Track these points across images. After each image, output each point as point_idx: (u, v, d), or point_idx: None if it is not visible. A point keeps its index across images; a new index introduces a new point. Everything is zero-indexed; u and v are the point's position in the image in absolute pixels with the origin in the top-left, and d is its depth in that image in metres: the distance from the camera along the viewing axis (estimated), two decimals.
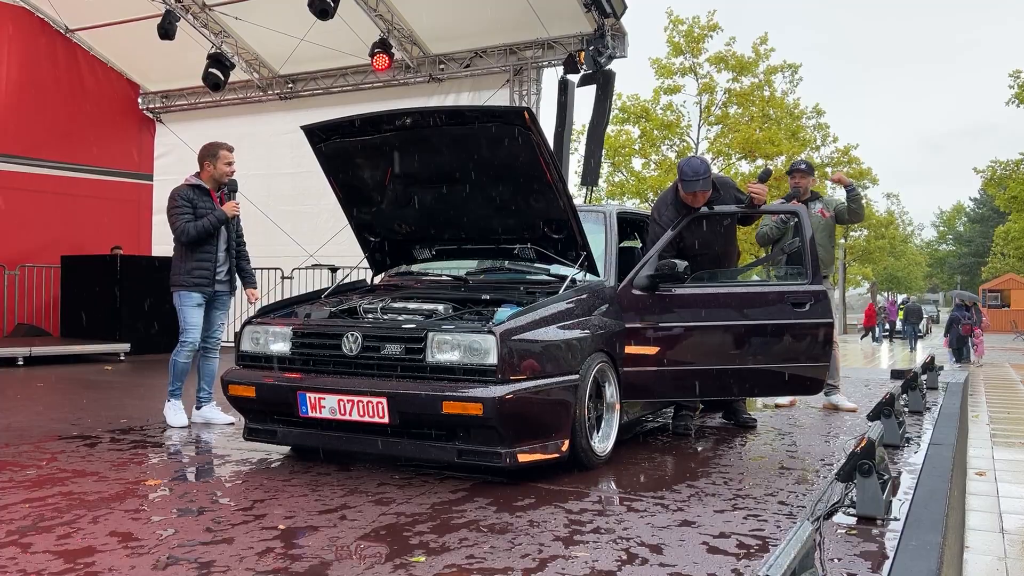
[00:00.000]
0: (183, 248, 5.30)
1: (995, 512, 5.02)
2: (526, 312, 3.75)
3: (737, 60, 27.19)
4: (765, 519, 3.13)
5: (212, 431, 5.05)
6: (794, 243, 4.91)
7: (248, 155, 12.42)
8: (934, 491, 3.48)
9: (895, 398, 4.61)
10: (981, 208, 63.45)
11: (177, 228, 5.24)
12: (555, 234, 4.40)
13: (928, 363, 7.45)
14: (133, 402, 6.38)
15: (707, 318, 4.53)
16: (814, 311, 4.53)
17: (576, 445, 3.83)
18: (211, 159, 5.45)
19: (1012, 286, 40.84)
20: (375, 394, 3.66)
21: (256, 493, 3.45)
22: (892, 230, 45.46)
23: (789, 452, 4.53)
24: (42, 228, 11.66)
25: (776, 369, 4.56)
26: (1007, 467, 6.44)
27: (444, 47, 11.09)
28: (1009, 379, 14.91)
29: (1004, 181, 27.62)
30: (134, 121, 13.23)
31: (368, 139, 4.37)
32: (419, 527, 2.97)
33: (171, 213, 5.28)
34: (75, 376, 8.25)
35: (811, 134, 30.64)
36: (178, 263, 5.31)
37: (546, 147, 4.04)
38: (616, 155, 28.16)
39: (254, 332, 4.20)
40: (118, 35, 11.91)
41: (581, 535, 2.90)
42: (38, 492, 3.41)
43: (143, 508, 3.21)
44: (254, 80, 12.21)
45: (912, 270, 57.69)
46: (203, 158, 5.47)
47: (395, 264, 5.14)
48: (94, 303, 10.51)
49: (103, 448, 4.38)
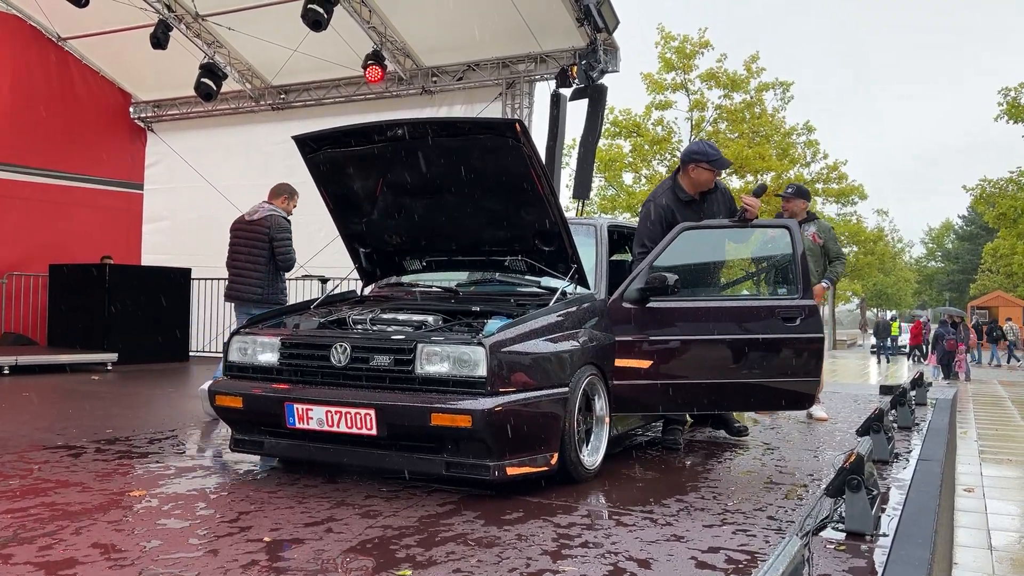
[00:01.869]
0: (276, 271, 6.10)
1: (983, 529, 5.02)
2: (516, 324, 3.73)
3: (729, 77, 27.41)
4: (754, 534, 3.12)
5: (198, 441, 5.00)
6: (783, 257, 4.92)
7: (239, 165, 12.46)
8: (923, 507, 3.48)
9: (884, 414, 4.62)
10: (970, 226, 63.90)
11: (289, 255, 6.07)
12: (546, 246, 4.39)
13: (917, 379, 7.47)
14: (119, 412, 6.33)
15: (697, 332, 4.52)
16: (805, 326, 4.53)
17: (565, 458, 3.81)
18: (290, 196, 6.29)
19: (1000, 303, 41.04)
20: (363, 406, 3.63)
21: (242, 505, 3.42)
22: (882, 246, 45.73)
23: (778, 467, 4.52)
24: (31, 236, 11.59)
25: (766, 384, 4.56)
26: (995, 484, 6.45)
27: (437, 59, 11.12)
28: (997, 396, 14.96)
29: (993, 199, 27.81)
30: (125, 130, 13.20)
31: (360, 150, 4.37)
32: (406, 540, 2.94)
33: (284, 239, 6.07)
34: (61, 386, 8.18)
35: (801, 151, 30.84)
36: (269, 281, 6.02)
37: (537, 159, 4.04)
38: (607, 169, 28.29)
39: (242, 342, 4.17)
40: (110, 44, 11.90)
41: (569, 549, 2.88)
42: (20, 503, 3.36)
43: (127, 519, 3.17)
44: (246, 90, 12.21)
45: (902, 287, 57.98)
46: (284, 193, 6.32)
47: (385, 275, 5.12)
48: (82, 312, 10.44)
49: (88, 458, 4.34)
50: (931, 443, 5.19)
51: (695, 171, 4.93)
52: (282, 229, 6.05)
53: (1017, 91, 25.51)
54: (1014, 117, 25.72)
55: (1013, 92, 25.57)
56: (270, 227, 6.09)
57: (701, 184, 4.95)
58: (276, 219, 6.08)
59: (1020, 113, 25.55)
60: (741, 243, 5.04)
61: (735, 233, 4.90)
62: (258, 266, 6.05)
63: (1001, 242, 33.25)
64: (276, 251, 6.08)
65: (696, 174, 4.93)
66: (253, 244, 6.14)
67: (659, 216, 4.91)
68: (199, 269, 11.76)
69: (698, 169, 4.92)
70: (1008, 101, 25.68)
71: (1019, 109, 25.51)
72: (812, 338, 4.53)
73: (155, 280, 10.94)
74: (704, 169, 4.91)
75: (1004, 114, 25.84)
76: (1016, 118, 25.69)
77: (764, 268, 5.37)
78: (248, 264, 6.11)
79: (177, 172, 12.99)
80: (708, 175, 4.93)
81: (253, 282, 6.00)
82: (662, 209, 4.95)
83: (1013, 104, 25.60)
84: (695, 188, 4.98)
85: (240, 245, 6.24)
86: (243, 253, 6.20)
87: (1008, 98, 25.66)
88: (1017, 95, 25.52)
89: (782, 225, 4.89)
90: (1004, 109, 25.80)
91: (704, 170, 4.92)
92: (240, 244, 6.25)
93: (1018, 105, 25.52)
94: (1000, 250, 34.86)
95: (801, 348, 4.52)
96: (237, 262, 6.21)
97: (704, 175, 4.93)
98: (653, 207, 4.98)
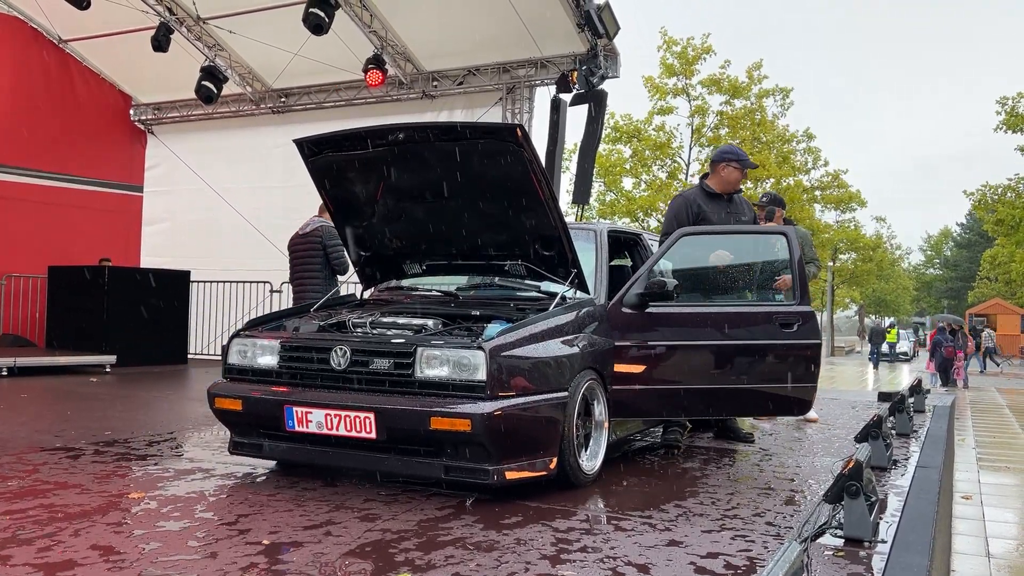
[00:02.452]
0: (332, 275, 6.57)
1: (981, 536, 5.02)
2: (516, 328, 3.74)
3: (731, 83, 27.45)
4: (753, 539, 3.12)
5: (197, 444, 5.00)
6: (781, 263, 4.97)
7: (239, 168, 12.47)
8: (921, 514, 3.48)
9: (883, 420, 4.62)
10: (968, 233, 63.95)
11: (343, 259, 6.41)
12: (546, 251, 4.39)
13: (915, 386, 7.48)
14: (118, 414, 6.32)
15: (696, 337, 4.53)
16: (802, 332, 4.54)
17: (564, 463, 3.81)
18: None
19: (999, 311, 41.06)
20: (363, 409, 3.64)
21: (241, 507, 3.42)
22: (880, 253, 45.75)
23: (776, 472, 4.52)
24: (30, 238, 11.60)
25: (764, 389, 4.57)
26: (993, 491, 6.44)
27: (437, 64, 11.14)
28: (996, 403, 14.96)
29: (992, 205, 27.83)
30: (125, 132, 13.22)
31: (361, 153, 4.37)
32: (405, 544, 2.94)
33: (336, 245, 6.43)
34: (59, 387, 8.17)
35: (801, 158, 30.89)
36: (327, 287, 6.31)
37: (538, 164, 4.05)
38: (607, 174, 28.30)
39: (242, 345, 4.17)
40: (111, 46, 11.92)
41: (568, 554, 2.88)
42: (19, 504, 3.36)
43: (126, 521, 3.17)
44: (247, 94, 12.22)
45: (900, 294, 58.02)
46: None
47: (385, 279, 5.12)
48: (81, 314, 10.43)
49: (86, 460, 4.34)
50: (929, 450, 5.20)
51: (725, 170, 5.21)
52: (333, 236, 6.43)
53: (1015, 100, 25.56)
54: (1013, 127, 25.75)
55: (1011, 101, 25.61)
56: (323, 236, 6.59)
57: (731, 184, 5.23)
58: (327, 228, 6.54)
59: (1019, 122, 25.59)
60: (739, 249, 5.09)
61: (734, 239, 4.96)
62: (316, 274, 6.59)
63: (1000, 249, 33.31)
64: (330, 257, 6.58)
65: (727, 173, 5.20)
66: (310, 254, 6.64)
67: (686, 208, 5.18)
68: (198, 271, 11.77)
69: (728, 168, 5.19)
70: (1007, 111, 25.71)
71: (1018, 118, 25.55)
72: (809, 344, 4.55)
73: (154, 282, 10.94)
74: (734, 168, 5.20)
75: (1003, 124, 25.86)
76: (1015, 127, 25.72)
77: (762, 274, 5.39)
78: (307, 273, 6.63)
79: (177, 174, 13.00)
80: (737, 175, 5.22)
81: (315, 289, 6.42)
82: (688, 202, 5.23)
83: (1012, 113, 25.63)
84: (724, 187, 5.24)
85: (298, 258, 6.74)
86: (302, 264, 6.71)
87: (1007, 107, 25.69)
88: (1015, 104, 25.57)
89: (780, 232, 4.92)
90: (1003, 119, 25.83)
91: (734, 169, 5.20)
92: (298, 257, 6.75)
93: (1017, 114, 25.56)
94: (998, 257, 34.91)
95: (799, 354, 4.53)
96: (299, 274, 6.73)
97: (734, 174, 5.21)
98: (681, 200, 5.28)
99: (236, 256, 12.11)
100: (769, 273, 5.18)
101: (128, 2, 10.35)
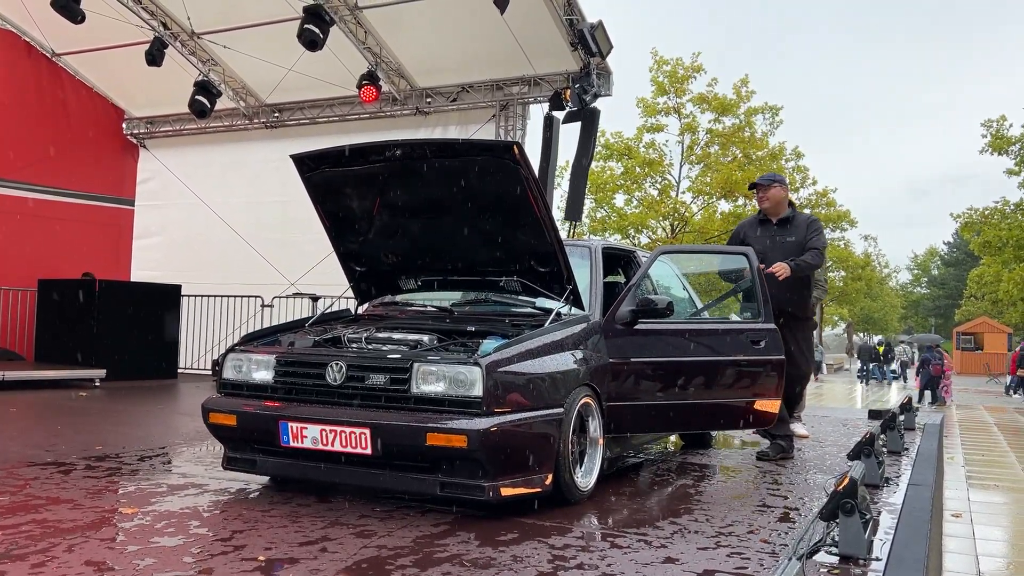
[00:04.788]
0: None
1: (972, 554, 5.03)
2: (512, 344, 3.75)
3: (719, 101, 27.65)
4: (748, 556, 3.13)
5: (189, 459, 4.98)
6: (745, 282, 5.23)
7: (232, 183, 12.46)
8: (915, 532, 3.50)
9: (875, 438, 4.65)
10: (955, 252, 64.39)
11: None
12: (541, 267, 4.41)
13: (906, 404, 7.52)
14: (109, 428, 6.28)
15: (683, 353, 4.69)
16: (768, 348, 4.87)
17: (560, 479, 3.81)
18: None
19: (985, 329, 41.26)
20: (358, 424, 3.63)
21: (235, 523, 3.40)
22: (869, 271, 46.00)
23: (770, 490, 4.53)
24: (20, 250, 11.53)
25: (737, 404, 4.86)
26: (983, 509, 6.47)
27: (431, 81, 11.19)
28: (983, 421, 15.03)
29: (978, 227, 28.05)
30: (118, 146, 13.19)
31: (357, 169, 4.39)
32: (401, 560, 2.93)
33: None
34: (49, 402, 8.11)
35: (790, 176, 31.07)
36: None
37: (535, 181, 4.07)
38: (599, 191, 28.41)
39: (236, 360, 4.16)
40: (104, 60, 11.91)
41: (565, 571, 2.88)
42: (11, 520, 3.34)
43: (119, 537, 3.15)
44: (240, 108, 12.24)
45: (888, 312, 58.29)
46: None
47: (380, 294, 5.13)
48: (70, 328, 10.37)
49: (78, 475, 4.31)
50: (921, 467, 5.22)
51: (755, 197, 5.80)
52: None
53: (999, 123, 25.83)
54: (997, 149, 26.01)
55: (996, 124, 25.87)
56: None
57: (765, 207, 5.68)
58: None
59: (1003, 145, 25.84)
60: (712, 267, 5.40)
61: (707, 257, 5.22)
62: None
63: (986, 269, 33.49)
64: None
65: (757, 200, 5.79)
66: None
67: (735, 233, 5.90)
68: (189, 286, 11.73)
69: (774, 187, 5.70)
70: (992, 133, 25.95)
71: (1003, 140, 25.80)
72: (775, 360, 4.89)
73: (145, 296, 10.90)
74: (754, 193, 5.80)
75: (988, 147, 26.12)
76: (999, 150, 25.98)
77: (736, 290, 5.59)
78: None
79: (169, 189, 12.98)
80: (757, 197, 5.76)
81: None
82: (739, 227, 5.90)
83: (996, 136, 25.87)
84: (768, 212, 5.68)
85: None
86: None
87: (991, 130, 25.94)
88: (1000, 127, 25.83)
89: (740, 252, 5.20)
90: (988, 142, 26.08)
91: (754, 194, 5.81)
92: None
93: (1002, 136, 25.81)
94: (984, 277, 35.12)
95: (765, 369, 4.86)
96: None
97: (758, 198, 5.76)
98: (736, 227, 5.97)
99: (228, 270, 12.08)
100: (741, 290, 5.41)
101: (122, 17, 10.37)
